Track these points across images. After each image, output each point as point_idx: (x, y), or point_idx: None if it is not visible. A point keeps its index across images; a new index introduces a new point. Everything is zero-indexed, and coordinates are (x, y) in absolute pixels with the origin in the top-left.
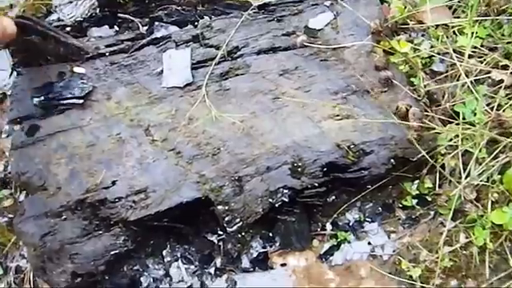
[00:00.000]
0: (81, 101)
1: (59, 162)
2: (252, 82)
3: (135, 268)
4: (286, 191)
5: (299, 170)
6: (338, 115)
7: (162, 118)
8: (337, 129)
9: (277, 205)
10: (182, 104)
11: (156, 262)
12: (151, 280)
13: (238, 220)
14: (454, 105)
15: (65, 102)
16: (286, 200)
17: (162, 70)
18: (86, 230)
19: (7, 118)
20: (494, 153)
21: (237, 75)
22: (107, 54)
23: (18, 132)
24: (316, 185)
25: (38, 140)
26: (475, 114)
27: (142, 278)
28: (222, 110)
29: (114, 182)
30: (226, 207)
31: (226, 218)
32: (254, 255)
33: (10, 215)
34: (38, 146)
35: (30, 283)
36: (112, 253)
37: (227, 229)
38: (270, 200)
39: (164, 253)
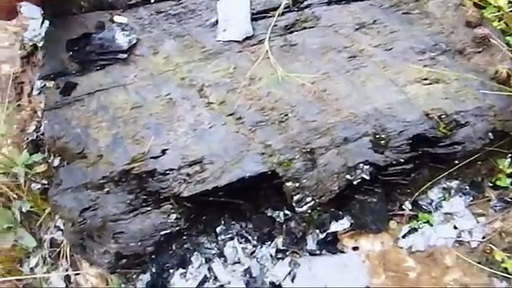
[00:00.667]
0: (124, 55)
1: (100, 126)
2: (323, 36)
3: (185, 247)
4: (366, 167)
5: (382, 142)
6: (425, 79)
7: (219, 77)
8: (425, 95)
9: (355, 182)
10: (242, 61)
11: (209, 241)
12: (203, 260)
13: (309, 199)
14: None
15: (105, 56)
16: (367, 177)
17: (216, 21)
18: (131, 206)
19: (39, 73)
20: None
21: (304, 28)
22: (152, 0)
23: (51, 90)
24: (402, 160)
25: (75, 100)
26: None
27: (192, 258)
28: (288, 69)
29: (164, 151)
30: (297, 184)
31: (296, 197)
32: (322, 236)
33: (44, 182)
34: (75, 106)
35: (66, 259)
36: (162, 233)
37: (296, 209)
38: (348, 177)
39: (218, 230)
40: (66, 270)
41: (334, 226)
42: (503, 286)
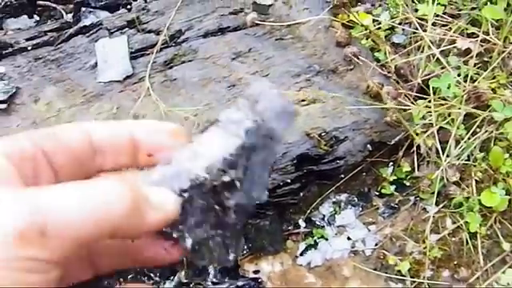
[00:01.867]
0: (4, 105)
1: None
2: (202, 69)
3: None
4: None
5: None
6: (303, 100)
7: (102, 119)
8: (304, 116)
9: None
10: (124, 100)
11: None
12: None
13: None
14: (424, 80)
15: None
16: None
17: (95, 63)
18: None
19: None
20: (473, 128)
21: (183, 62)
22: (29, 48)
23: None
24: (288, 181)
25: None
26: (449, 88)
27: None
28: (171, 104)
29: None
30: None
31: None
32: None
33: None
34: None
35: None
36: None
37: None
38: None
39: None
40: None
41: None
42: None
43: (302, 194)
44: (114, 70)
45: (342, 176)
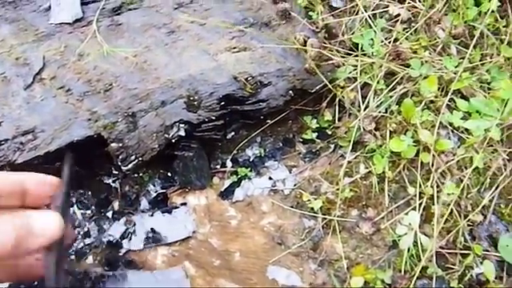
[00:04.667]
0: None
1: None
2: (145, 16)
3: None
4: (182, 125)
5: (195, 103)
6: (234, 47)
7: (50, 56)
8: (234, 61)
9: (173, 140)
10: (72, 40)
11: None
12: None
13: (133, 157)
14: (351, 38)
15: None
16: (183, 134)
17: (49, 6)
18: None
19: None
20: (392, 84)
21: (129, 10)
22: None
23: None
24: (213, 118)
25: None
26: (373, 47)
27: None
28: (114, 46)
29: None
30: (120, 144)
31: (121, 156)
32: (153, 196)
33: None
34: None
35: None
36: None
37: (122, 167)
38: (166, 135)
39: None
40: None
41: (164, 187)
42: (311, 224)
43: (230, 135)
44: (66, 13)
45: (269, 121)
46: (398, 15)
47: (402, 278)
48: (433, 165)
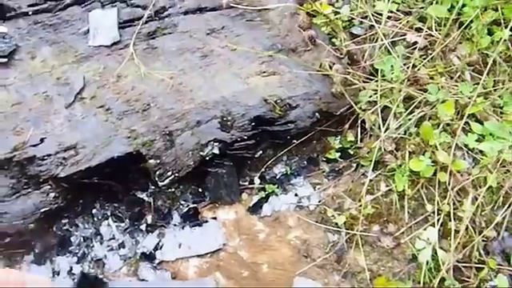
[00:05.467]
0: (4, 59)
1: None
2: (180, 40)
3: (65, 228)
4: (216, 144)
5: (228, 123)
6: (264, 72)
7: (90, 76)
8: (263, 84)
9: (207, 158)
10: (110, 62)
11: (86, 221)
12: (81, 239)
13: (169, 173)
14: (373, 64)
15: None
16: (217, 152)
17: (88, 30)
18: (14, 189)
19: None
20: (410, 108)
21: (164, 34)
22: (30, 13)
23: None
24: (245, 137)
25: None
26: (393, 72)
27: (71, 238)
28: (150, 68)
29: (42, 140)
30: (158, 161)
31: (158, 172)
32: (185, 210)
33: None
34: None
35: None
36: (42, 210)
37: (159, 183)
38: (201, 153)
39: (94, 211)
40: None
41: (195, 201)
42: (335, 238)
43: (258, 154)
44: (104, 37)
45: (295, 141)
46: (416, 43)
47: None
48: (449, 184)
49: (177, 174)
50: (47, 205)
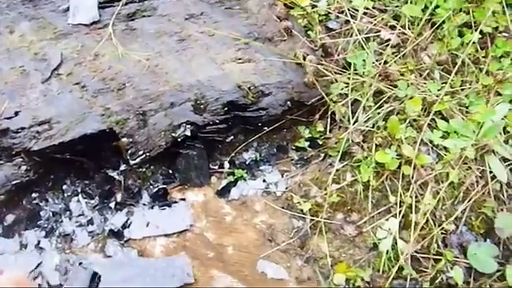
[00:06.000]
0: None
1: None
2: (158, 23)
3: (35, 202)
4: (188, 126)
5: (202, 107)
6: (240, 59)
7: (68, 53)
8: (238, 71)
9: (179, 139)
10: (88, 41)
11: (56, 196)
12: (50, 214)
13: (141, 152)
14: (346, 58)
15: None
16: (189, 134)
17: (68, 8)
18: None
19: None
20: (380, 102)
21: (143, 16)
22: None
23: None
24: (217, 121)
25: None
26: (365, 67)
27: (41, 212)
28: (127, 49)
29: (16, 113)
30: (130, 139)
31: (130, 150)
32: (154, 191)
33: None
34: None
35: None
36: (13, 182)
37: (130, 161)
38: (173, 134)
39: (64, 187)
40: None
41: (165, 182)
42: (300, 224)
43: (229, 138)
44: (83, 15)
45: (266, 128)
46: (389, 40)
47: (380, 277)
48: (413, 177)
49: (148, 154)
50: (18, 177)
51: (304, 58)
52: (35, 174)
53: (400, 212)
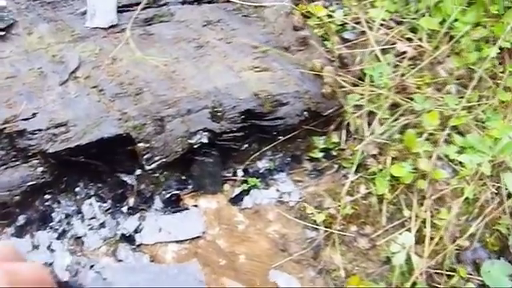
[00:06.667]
0: (1, 33)
1: None
2: (176, 29)
3: (47, 204)
4: (205, 133)
5: (219, 114)
6: (257, 67)
7: (85, 56)
8: (256, 79)
9: (195, 146)
10: (106, 44)
11: (69, 199)
12: (63, 216)
13: (157, 158)
14: (362, 69)
15: None
16: (205, 141)
17: (86, 11)
18: (2, 161)
19: None
20: (396, 115)
21: (161, 22)
22: None
23: None
24: (234, 129)
25: None
26: (381, 79)
27: (53, 214)
28: (145, 53)
29: (34, 114)
30: (147, 145)
31: (146, 156)
32: (167, 196)
33: None
34: None
35: None
36: (29, 183)
37: (146, 166)
38: (190, 141)
39: (77, 190)
40: None
41: (178, 188)
42: (313, 235)
43: (244, 147)
44: (101, 19)
45: (281, 137)
46: (405, 52)
47: None
48: (428, 191)
49: (164, 159)
50: (34, 179)
51: (321, 69)
52: (51, 175)
53: (414, 226)
